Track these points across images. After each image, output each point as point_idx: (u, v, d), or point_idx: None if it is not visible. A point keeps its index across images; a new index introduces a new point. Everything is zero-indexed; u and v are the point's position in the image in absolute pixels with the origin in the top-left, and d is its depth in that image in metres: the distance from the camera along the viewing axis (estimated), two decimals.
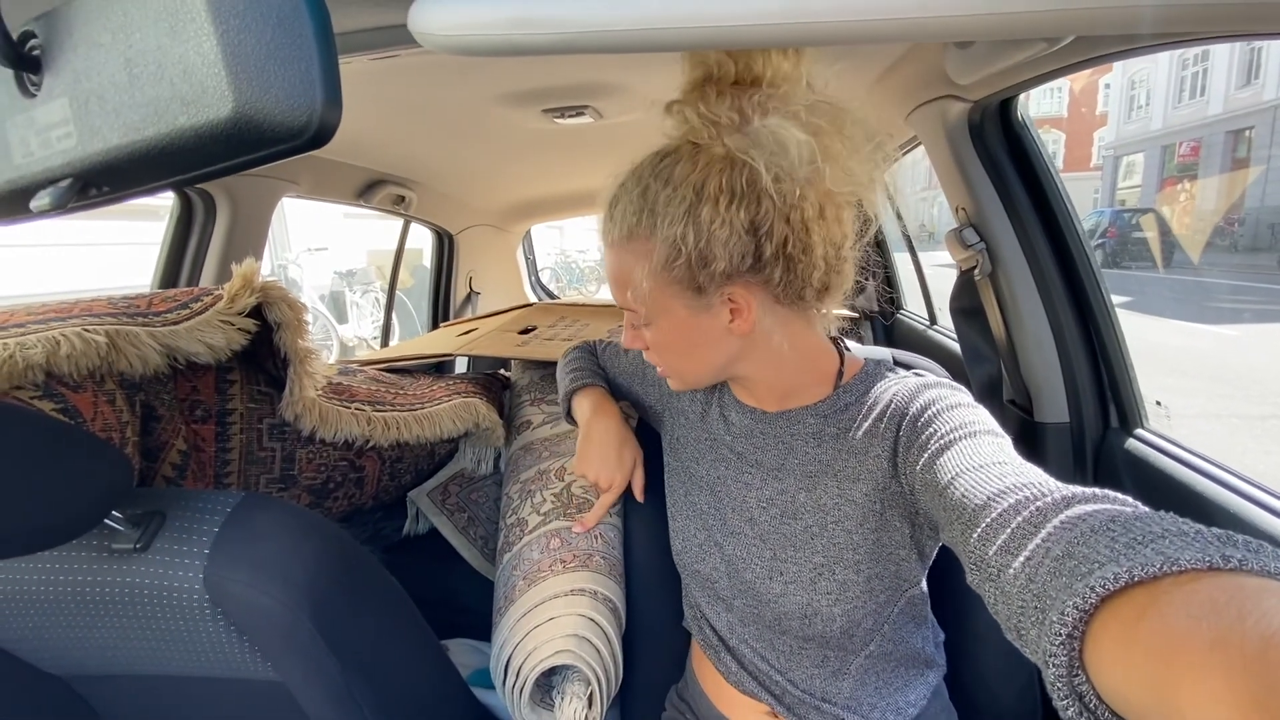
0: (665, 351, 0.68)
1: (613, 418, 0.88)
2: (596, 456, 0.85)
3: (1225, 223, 12.92)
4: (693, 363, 0.68)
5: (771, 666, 0.71)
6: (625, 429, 0.89)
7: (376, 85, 1.01)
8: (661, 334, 0.65)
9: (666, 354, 0.68)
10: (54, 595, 0.57)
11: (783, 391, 0.70)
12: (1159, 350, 5.94)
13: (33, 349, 0.58)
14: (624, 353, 0.93)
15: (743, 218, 0.56)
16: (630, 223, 0.61)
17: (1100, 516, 0.36)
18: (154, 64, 0.26)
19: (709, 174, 0.56)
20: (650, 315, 0.64)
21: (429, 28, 0.32)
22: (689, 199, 0.56)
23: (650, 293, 0.61)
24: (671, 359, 0.69)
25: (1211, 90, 14.46)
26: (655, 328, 0.65)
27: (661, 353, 0.68)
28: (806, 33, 0.30)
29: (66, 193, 0.29)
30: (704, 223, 0.56)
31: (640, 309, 0.64)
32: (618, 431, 0.87)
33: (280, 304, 0.79)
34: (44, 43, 0.29)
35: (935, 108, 1.06)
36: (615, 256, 0.64)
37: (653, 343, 0.67)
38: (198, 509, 0.58)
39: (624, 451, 0.86)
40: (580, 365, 0.96)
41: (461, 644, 1.05)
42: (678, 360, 0.68)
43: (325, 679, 0.60)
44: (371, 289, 6.96)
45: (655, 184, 0.59)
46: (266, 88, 0.25)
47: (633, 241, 0.61)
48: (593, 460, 0.85)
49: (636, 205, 0.60)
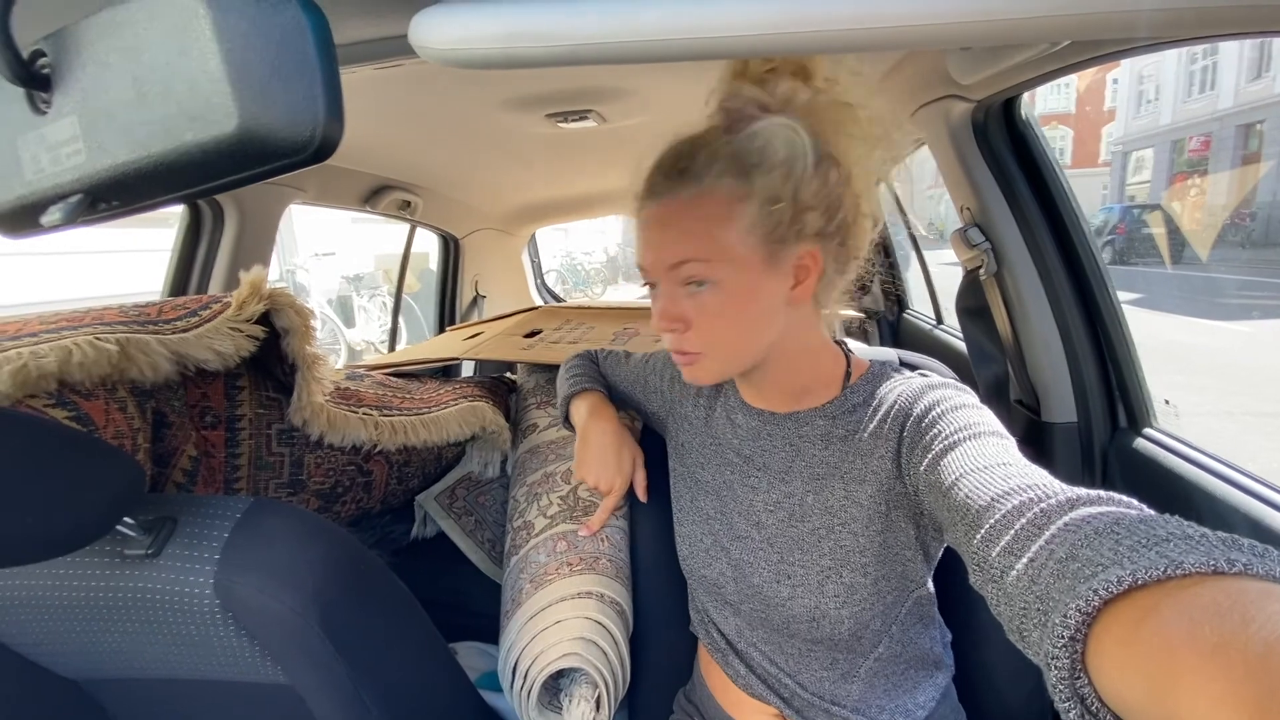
0: (720, 321, 0.62)
1: (609, 420, 0.87)
2: (594, 460, 0.85)
3: (1236, 218, 12.78)
4: (743, 338, 0.64)
5: (780, 669, 0.71)
6: (622, 431, 0.88)
7: (381, 93, 1.01)
8: (726, 296, 0.61)
9: (720, 325, 0.63)
10: (68, 601, 0.58)
11: (796, 391, 0.70)
12: (1170, 347, 5.88)
13: (46, 357, 0.59)
14: (625, 360, 0.93)
15: (831, 176, 0.59)
16: (723, 171, 0.59)
17: (1104, 519, 0.36)
18: (161, 82, 0.26)
19: (795, 135, 0.58)
20: (719, 271, 0.60)
21: (429, 41, 0.32)
22: (785, 153, 0.58)
23: (734, 241, 0.59)
24: (724, 332, 0.63)
25: (1221, 84, 14.31)
26: (718, 288, 0.61)
27: (715, 324, 0.63)
28: (802, 42, 0.31)
29: (76, 208, 0.29)
30: (798, 174, 0.58)
31: (714, 258, 0.60)
32: (614, 434, 0.86)
33: (288, 310, 0.80)
34: (54, 61, 0.29)
35: (939, 108, 1.06)
36: (693, 204, 0.60)
37: (708, 310, 0.62)
38: (208, 515, 0.59)
39: (622, 453, 0.86)
40: (579, 372, 0.95)
41: (469, 647, 1.06)
42: (730, 333, 0.63)
43: (334, 682, 0.61)
44: (379, 293, 7.01)
45: (745, 140, 0.59)
46: (270, 104, 0.25)
47: (727, 191, 0.59)
48: (591, 464, 0.85)
49: (730, 156, 0.59)
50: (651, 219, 0.64)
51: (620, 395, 0.93)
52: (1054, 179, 1.05)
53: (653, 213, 0.64)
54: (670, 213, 0.62)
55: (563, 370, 0.98)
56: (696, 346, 0.64)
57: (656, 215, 0.63)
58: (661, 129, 0.63)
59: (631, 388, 0.91)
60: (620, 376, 0.93)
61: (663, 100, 1.19)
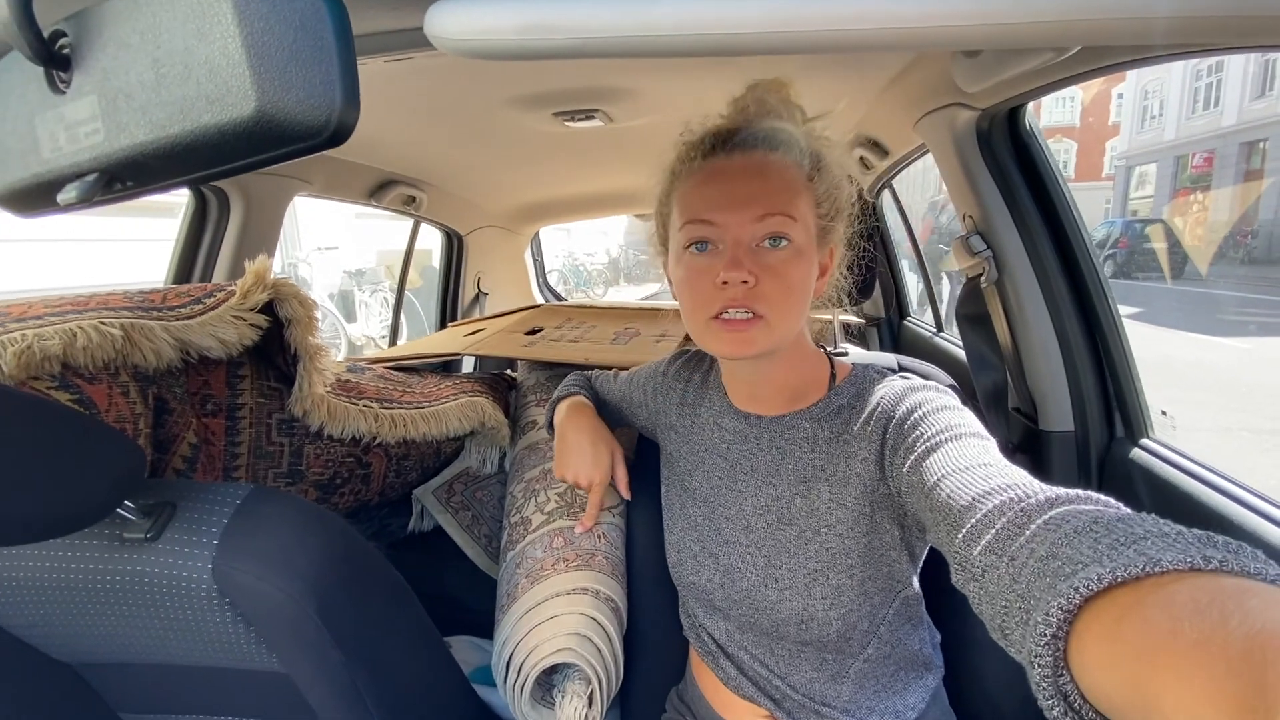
0: (788, 281, 0.62)
1: (584, 417, 0.88)
2: (571, 456, 0.85)
3: (1238, 234, 12.81)
4: (797, 305, 0.64)
5: (771, 671, 0.71)
6: (599, 427, 0.88)
7: (390, 87, 1.02)
8: (796, 259, 0.62)
9: (787, 285, 0.62)
10: (65, 583, 0.58)
11: (791, 392, 0.70)
12: (1169, 362, 5.89)
13: (50, 340, 0.59)
14: (614, 379, 0.94)
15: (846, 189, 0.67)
16: (801, 148, 0.64)
17: (1083, 518, 0.37)
18: (181, 64, 0.27)
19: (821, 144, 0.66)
20: (798, 233, 0.62)
21: (445, 31, 0.33)
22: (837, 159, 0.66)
23: (809, 208, 0.63)
24: (786, 294, 0.62)
25: (1225, 101, 14.36)
26: (794, 249, 0.62)
27: (784, 281, 0.61)
28: (813, 40, 0.31)
29: (93, 186, 0.30)
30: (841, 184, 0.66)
31: (799, 218, 0.62)
32: (590, 430, 0.86)
33: (291, 300, 0.80)
34: (74, 41, 0.30)
35: (943, 115, 1.06)
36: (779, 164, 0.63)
37: (783, 268, 0.61)
38: (207, 500, 0.59)
39: (598, 447, 0.85)
40: (569, 383, 0.97)
41: (464, 641, 1.06)
42: (794, 298, 0.63)
43: (329, 671, 0.61)
44: (380, 288, 7.00)
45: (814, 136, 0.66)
46: (288, 88, 0.26)
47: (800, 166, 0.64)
48: (569, 461, 0.85)
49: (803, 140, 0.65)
50: (736, 168, 0.63)
51: (612, 411, 0.94)
52: (1056, 189, 1.05)
53: (739, 162, 0.63)
54: (762, 165, 0.62)
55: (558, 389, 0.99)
56: (760, 306, 0.61)
57: (744, 164, 0.62)
58: (668, 130, 0.64)
59: (620, 405, 0.92)
60: (609, 394, 0.94)
61: (670, 102, 1.19)
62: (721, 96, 0.68)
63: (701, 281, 0.63)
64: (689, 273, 0.64)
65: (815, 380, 0.71)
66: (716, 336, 0.63)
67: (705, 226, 0.63)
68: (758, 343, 0.62)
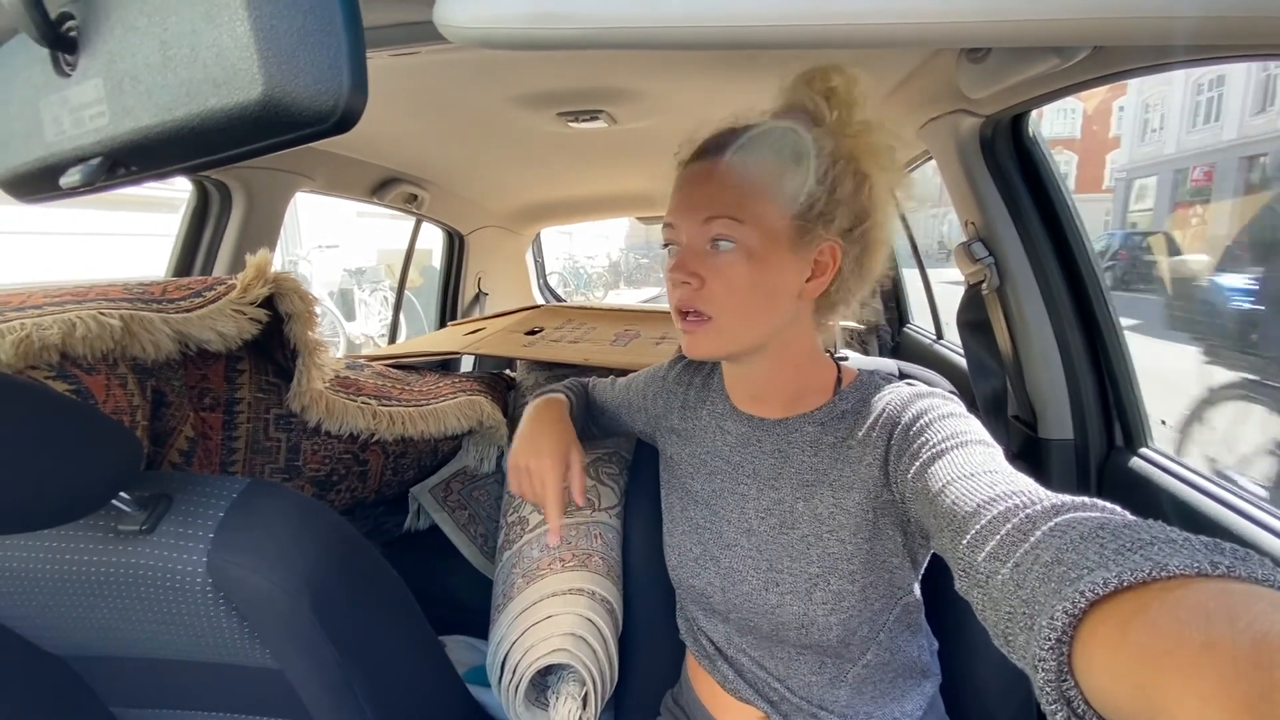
0: (737, 285, 0.63)
1: (552, 409, 0.82)
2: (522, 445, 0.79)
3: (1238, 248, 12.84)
4: (755, 311, 0.64)
5: (769, 674, 0.71)
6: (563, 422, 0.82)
7: (395, 83, 1.02)
8: (749, 262, 0.62)
9: (737, 288, 0.63)
10: (58, 574, 0.57)
11: (792, 395, 0.70)
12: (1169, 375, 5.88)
13: (49, 330, 0.59)
14: (611, 385, 0.93)
15: (864, 190, 0.64)
16: (774, 148, 0.62)
17: (1089, 524, 0.36)
18: (188, 47, 0.26)
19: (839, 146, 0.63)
20: (747, 236, 0.61)
21: (454, 20, 0.33)
22: (830, 151, 0.62)
23: (770, 210, 0.62)
24: (737, 298, 0.63)
25: (1226, 115, 14.42)
26: (747, 252, 0.62)
27: (732, 286, 0.63)
28: (826, 35, 0.31)
29: (96, 170, 0.29)
30: (839, 174, 0.62)
31: (747, 221, 0.62)
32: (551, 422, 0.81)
33: (292, 295, 0.80)
34: (81, 24, 0.29)
35: (947, 122, 1.07)
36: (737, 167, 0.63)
37: (728, 271, 0.62)
38: (204, 493, 0.58)
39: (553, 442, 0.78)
40: (560, 385, 0.92)
41: (459, 641, 1.06)
42: (743, 301, 0.63)
43: (323, 667, 0.61)
44: (380, 287, 7.00)
45: (794, 133, 0.63)
46: (295, 72, 0.26)
47: (774, 164, 0.62)
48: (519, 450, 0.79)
49: (780, 137, 0.63)
50: (692, 175, 0.66)
51: (610, 417, 0.92)
52: (1059, 197, 1.05)
53: (695, 170, 0.66)
54: (713, 170, 0.64)
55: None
56: (707, 307, 0.64)
57: (698, 171, 0.65)
58: (670, 133, 0.64)
59: (619, 410, 0.91)
60: (608, 399, 0.92)
61: (674, 104, 1.19)
62: (726, 100, 0.69)
63: (667, 280, 0.67)
64: (665, 271, 0.68)
65: (819, 384, 0.70)
66: (681, 334, 0.68)
67: (669, 229, 0.67)
68: (705, 344, 0.66)
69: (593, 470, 0.99)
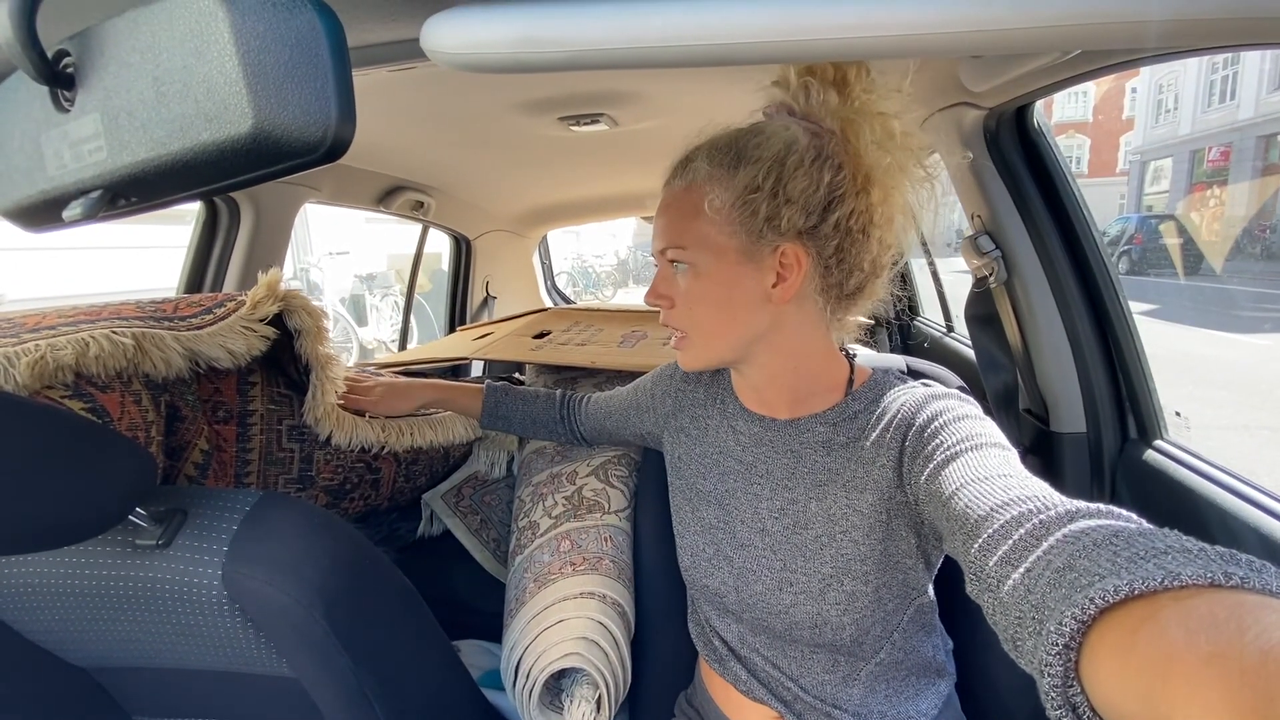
0: (697, 303, 0.66)
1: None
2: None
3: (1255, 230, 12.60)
4: (721, 324, 0.66)
5: (783, 673, 0.71)
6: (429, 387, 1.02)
7: (395, 95, 1.03)
8: (701, 281, 0.65)
9: (698, 307, 0.66)
10: (79, 589, 0.59)
11: (797, 395, 0.70)
12: (1186, 359, 5.80)
13: (63, 350, 0.60)
14: (610, 398, 0.94)
15: (825, 177, 0.61)
16: (712, 161, 0.63)
17: (1103, 531, 0.36)
18: (180, 82, 0.27)
19: (799, 134, 0.62)
20: (696, 257, 0.64)
21: (440, 46, 0.33)
22: (778, 148, 0.61)
23: (710, 229, 0.63)
24: (701, 315, 0.66)
25: (1242, 94, 14.13)
26: (697, 272, 0.65)
27: (693, 305, 0.66)
28: (806, 50, 0.31)
29: (97, 203, 0.30)
30: (788, 169, 0.61)
31: (690, 245, 0.64)
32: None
33: (300, 312, 0.81)
34: (77, 61, 0.30)
35: (950, 115, 1.06)
36: (682, 195, 0.65)
37: (687, 292, 0.66)
38: (218, 507, 0.60)
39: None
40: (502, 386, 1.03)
41: (473, 645, 1.07)
42: (707, 317, 0.66)
43: (338, 676, 0.61)
44: (391, 293, 7.06)
45: (746, 135, 0.64)
46: (284, 105, 0.26)
47: (710, 181, 0.63)
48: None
49: (723, 149, 0.64)
50: (657, 207, 0.70)
51: (618, 424, 0.93)
52: (1066, 187, 1.04)
53: (659, 202, 0.69)
54: (666, 201, 0.68)
55: None
56: (677, 324, 0.69)
57: (660, 204, 0.69)
58: (673, 133, 0.64)
59: (626, 412, 0.91)
60: (613, 406, 0.93)
61: (674, 105, 1.19)
62: (726, 99, 0.69)
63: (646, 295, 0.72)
64: None
65: (829, 383, 0.70)
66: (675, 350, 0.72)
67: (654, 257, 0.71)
68: (688, 358, 0.70)
69: (602, 473, 0.99)
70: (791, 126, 0.62)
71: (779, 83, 0.65)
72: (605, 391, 0.97)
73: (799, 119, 0.63)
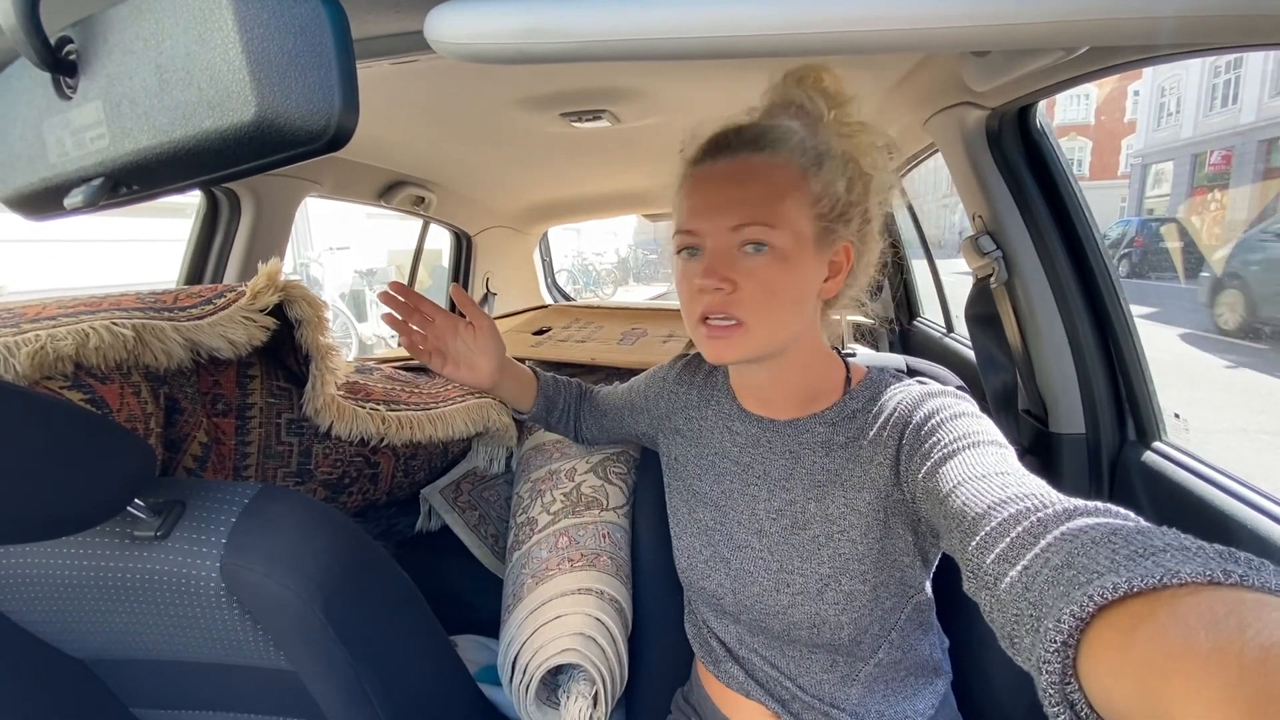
0: (771, 290, 0.62)
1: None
2: None
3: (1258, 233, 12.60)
4: (785, 316, 0.63)
5: (781, 673, 0.71)
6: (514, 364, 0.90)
7: (397, 89, 1.03)
8: (781, 266, 0.61)
9: (771, 294, 0.62)
10: (77, 580, 0.59)
11: (803, 396, 0.70)
12: (1186, 362, 5.80)
13: (63, 341, 0.60)
14: (614, 391, 0.94)
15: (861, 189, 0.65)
16: (794, 146, 0.62)
17: (1101, 529, 0.36)
18: (183, 70, 0.27)
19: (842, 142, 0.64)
20: (781, 239, 0.60)
21: (444, 36, 0.33)
22: (839, 153, 0.63)
23: (797, 212, 0.61)
24: (770, 303, 0.62)
25: (1244, 98, 14.13)
26: (778, 256, 0.61)
27: (763, 287, 0.61)
28: (814, 43, 0.31)
29: (98, 191, 0.30)
30: (850, 176, 0.63)
31: (779, 225, 0.60)
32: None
33: (301, 302, 0.81)
34: (80, 48, 0.30)
35: (953, 114, 1.06)
36: (766, 167, 0.61)
37: (762, 276, 0.61)
38: (216, 499, 0.60)
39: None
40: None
41: (470, 640, 1.07)
42: (777, 306, 0.62)
43: (335, 669, 0.62)
44: None
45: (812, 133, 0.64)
46: (288, 93, 0.26)
47: (792, 165, 0.61)
48: None
49: (799, 138, 0.62)
50: (718, 175, 0.63)
51: (612, 421, 0.93)
52: (1067, 188, 1.04)
53: (721, 168, 0.63)
54: (742, 171, 0.62)
55: None
56: (740, 312, 0.62)
57: (725, 171, 0.63)
58: (674, 131, 0.64)
59: (621, 412, 0.91)
60: (610, 404, 0.93)
61: (677, 102, 1.19)
62: (730, 96, 0.68)
63: (688, 285, 0.64)
64: (680, 277, 0.67)
65: (829, 383, 0.70)
66: (702, 340, 0.65)
67: (689, 235, 0.65)
68: (736, 349, 0.64)
69: (600, 470, 0.99)
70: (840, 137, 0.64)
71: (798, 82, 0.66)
72: (607, 387, 0.97)
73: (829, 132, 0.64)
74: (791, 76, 0.66)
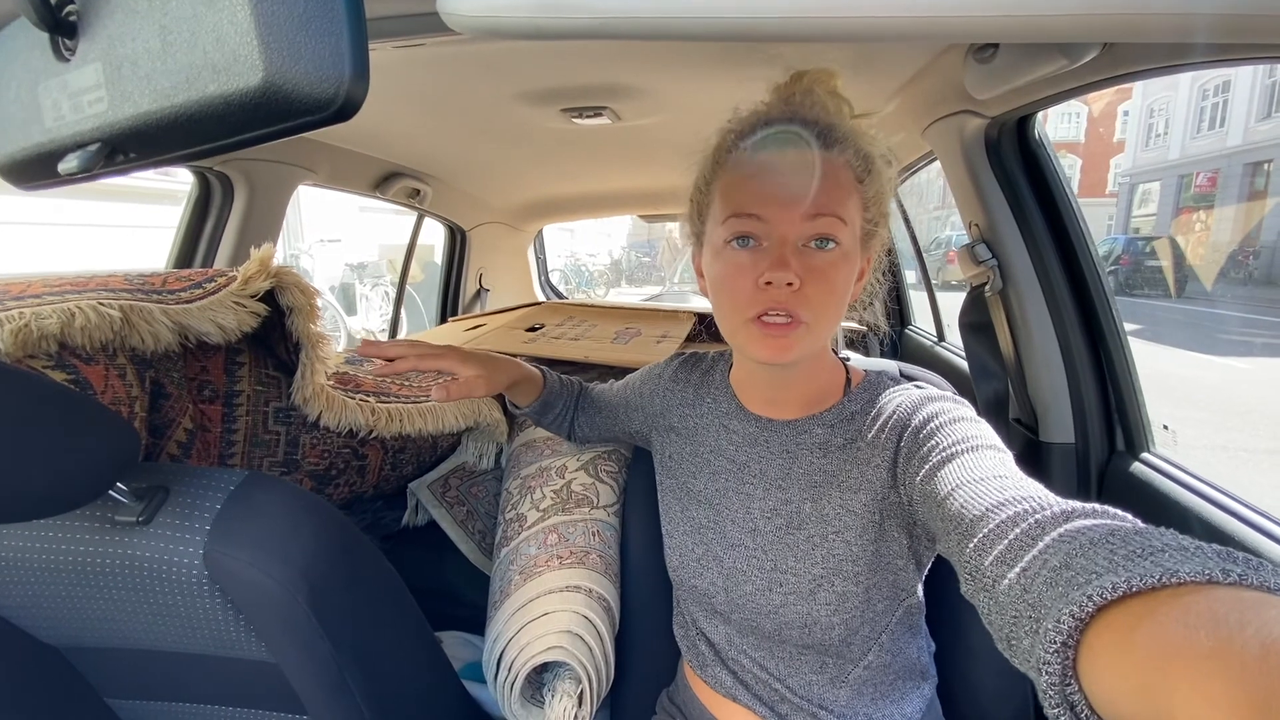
0: (835, 288, 0.60)
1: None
2: None
3: (1240, 254, 12.86)
4: (837, 314, 0.62)
5: (770, 674, 0.70)
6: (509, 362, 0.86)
7: (399, 77, 1.02)
8: (845, 264, 0.60)
9: (831, 293, 0.60)
10: (55, 564, 0.57)
11: (809, 398, 0.70)
12: (1168, 380, 5.90)
13: (48, 319, 0.59)
14: (609, 388, 0.93)
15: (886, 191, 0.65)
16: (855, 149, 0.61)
17: (1099, 530, 0.36)
18: (188, 31, 0.26)
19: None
20: (846, 236, 0.60)
21: (459, 9, 0.32)
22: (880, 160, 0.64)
23: (856, 213, 0.61)
24: (832, 301, 0.61)
25: (1231, 121, 14.41)
26: (844, 253, 0.60)
27: (829, 285, 0.59)
28: (832, 27, 0.30)
29: (94, 156, 0.29)
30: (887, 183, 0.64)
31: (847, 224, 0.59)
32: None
33: (293, 289, 0.80)
34: (81, 8, 0.29)
35: (953, 122, 1.06)
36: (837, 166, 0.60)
37: (825, 270, 0.59)
38: (201, 486, 0.58)
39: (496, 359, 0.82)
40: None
41: (455, 637, 1.05)
42: (832, 306, 0.61)
43: (318, 661, 0.60)
44: (381, 282, 7.01)
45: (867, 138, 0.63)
46: (296, 59, 0.25)
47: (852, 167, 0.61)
48: None
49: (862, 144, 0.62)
50: (791, 162, 0.59)
51: (606, 419, 0.92)
52: (1064, 200, 1.05)
53: (792, 156, 0.59)
54: (812, 163, 0.59)
55: None
56: (803, 310, 0.59)
57: (799, 160, 0.59)
58: (675, 130, 0.63)
59: (615, 410, 0.90)
60: (605, 401, 0.92)
61: (678, 101, 1.19)
62: (731, 98, 0.68)
63: (742, 279, 0.60)
64: (729, 269, 0.61)
65: (831, 386, 0.70)
66: (754, 339, 0.61)
67: (752, 221, 0.60)
68: (796, 348, 0.60)
69: (592, 467, 0.98)
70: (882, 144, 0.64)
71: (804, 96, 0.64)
72: (600, 384, 0.96)
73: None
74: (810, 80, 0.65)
